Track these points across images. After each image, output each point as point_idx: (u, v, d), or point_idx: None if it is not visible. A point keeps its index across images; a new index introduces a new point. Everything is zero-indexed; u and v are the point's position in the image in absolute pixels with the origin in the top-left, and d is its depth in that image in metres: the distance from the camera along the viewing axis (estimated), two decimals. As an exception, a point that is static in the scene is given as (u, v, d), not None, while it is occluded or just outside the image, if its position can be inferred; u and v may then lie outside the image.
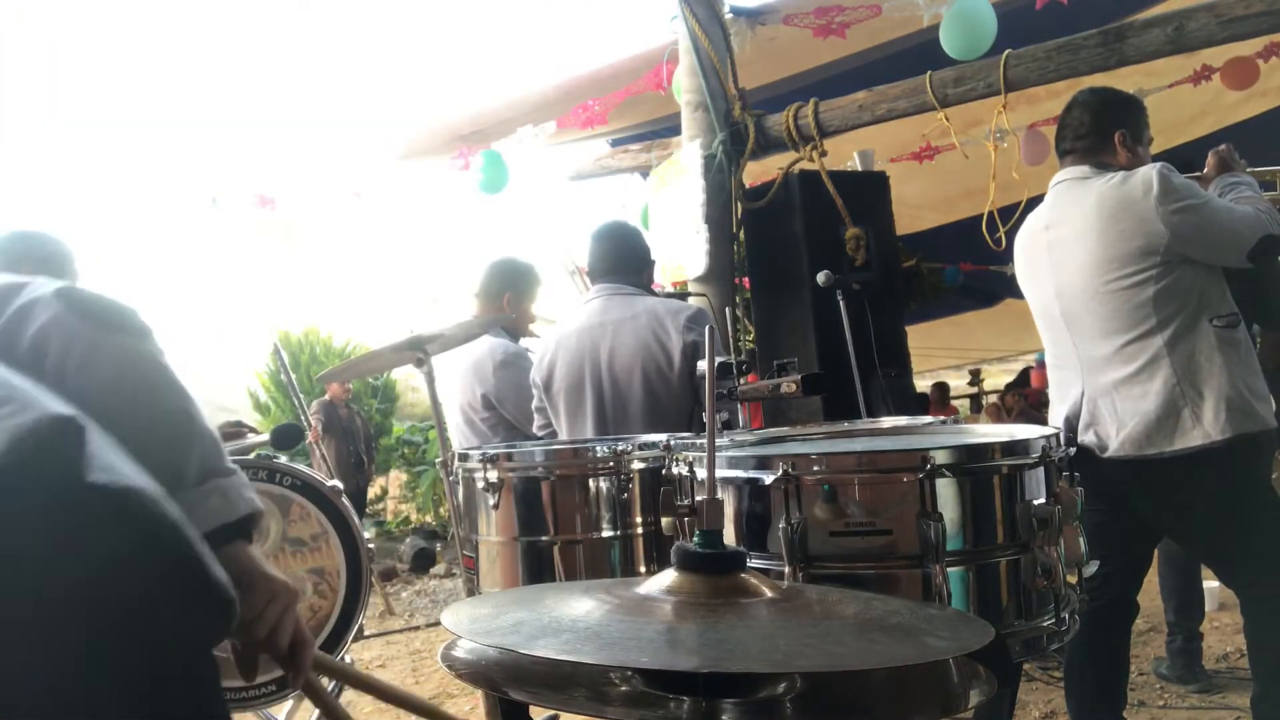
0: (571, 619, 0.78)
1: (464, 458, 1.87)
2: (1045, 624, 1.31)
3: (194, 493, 1.05)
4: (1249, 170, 2.64)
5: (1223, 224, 2.26)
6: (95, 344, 1.01)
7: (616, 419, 2.60)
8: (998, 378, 12.27)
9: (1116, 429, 2.29)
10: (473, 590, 1.92)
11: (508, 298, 3.25)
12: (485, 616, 0.82)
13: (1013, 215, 3.15)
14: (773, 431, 1.89)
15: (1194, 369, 2.22)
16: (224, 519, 1.06)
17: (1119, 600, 2.46)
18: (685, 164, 3.93)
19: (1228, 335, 2.27)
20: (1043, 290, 2.47)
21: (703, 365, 2.42)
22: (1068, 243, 2.36)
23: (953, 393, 10.56)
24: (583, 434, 2.63)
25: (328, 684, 1.22)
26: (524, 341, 3.29)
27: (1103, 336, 2.31)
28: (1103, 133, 2.43)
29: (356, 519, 2.64)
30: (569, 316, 2.82)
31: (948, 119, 3.53)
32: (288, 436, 2.96)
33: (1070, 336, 2.40)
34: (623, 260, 2.78)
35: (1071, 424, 2.40)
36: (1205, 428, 2.20)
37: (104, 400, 0.99)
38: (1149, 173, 2.26)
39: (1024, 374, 10.57)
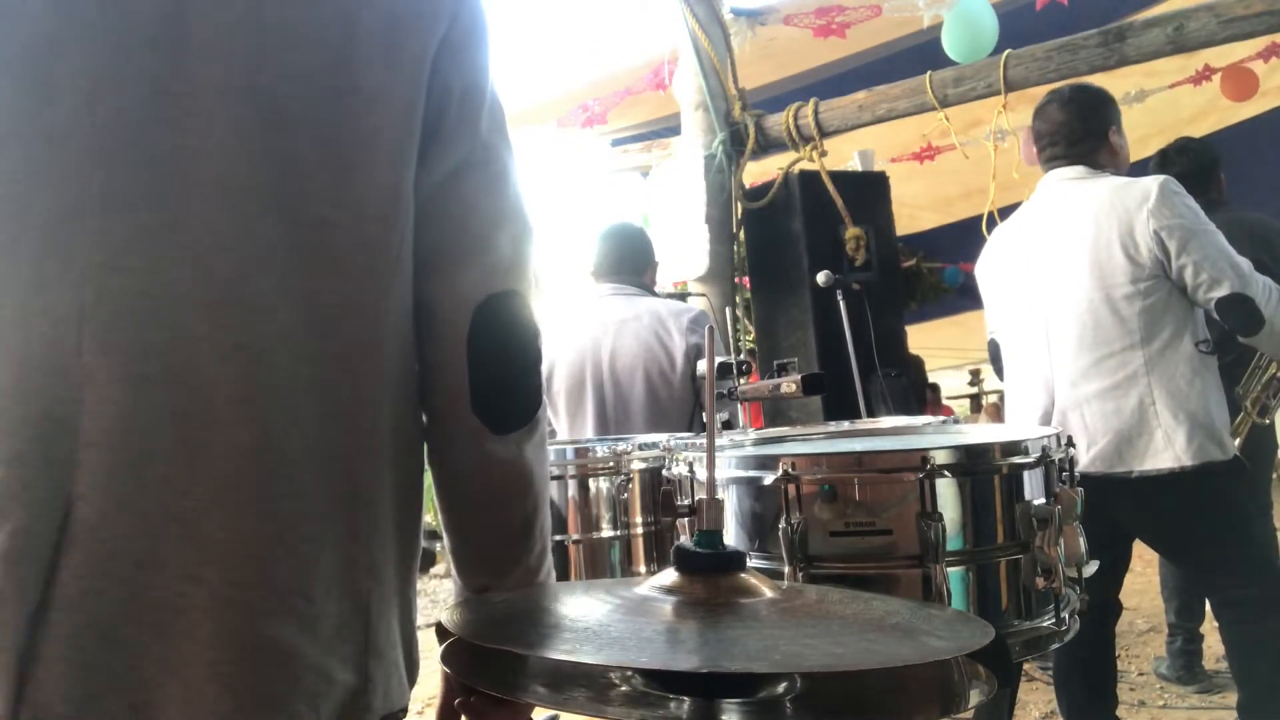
0: (571, 619, 0.78)
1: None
2: (1045, 624, 1.31)
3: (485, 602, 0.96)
4: None
5: (1207, 257, 2.13)
6: (483, 453, 0.93)
7: (618, 419, 2.59)
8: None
9: (1087, 444, 2.21)
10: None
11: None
12: (485, 617, 0.82)
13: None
14: (773, 431, 1.89)
15: (1172, 390, 2.15)
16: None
17: (1099, 603, 2.44)
18: (685, 164, 3.93)
19: (1209, 361, 2.22)
20: (1023, 294, 2.39)
21: (703, 365, 2.42)
22: (1061, 247, 2.28)
23: (953, 393, 10.56)
24: (582, 434, 2.62)
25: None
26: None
27: (1084, 347, 2.24)
28: (1098, 133, 2.34)
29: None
30: (570, 316, 2.82)
31: (948, 119, 3.53)
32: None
33: (1047, 345, 2.31)
34: (626, 260, 2.78)
35: None
36: (1176, 451, 2.13)
37: (451, 509, 0.96)
38: (1150, 183, 2.17)
39: None
